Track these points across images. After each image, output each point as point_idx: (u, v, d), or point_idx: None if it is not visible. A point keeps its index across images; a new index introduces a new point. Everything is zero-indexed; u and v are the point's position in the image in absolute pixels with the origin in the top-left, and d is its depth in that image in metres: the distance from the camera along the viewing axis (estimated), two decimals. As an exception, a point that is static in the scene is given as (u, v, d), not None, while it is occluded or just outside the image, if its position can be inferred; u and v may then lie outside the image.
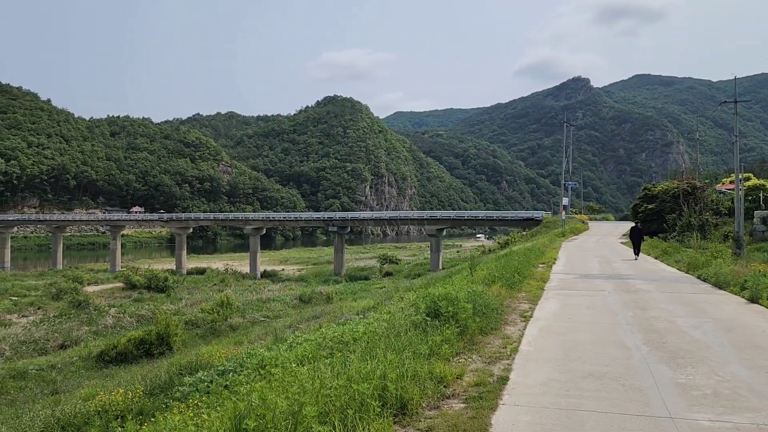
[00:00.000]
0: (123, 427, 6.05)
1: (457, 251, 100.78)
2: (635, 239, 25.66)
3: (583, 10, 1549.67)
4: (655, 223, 40.74)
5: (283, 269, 76.55)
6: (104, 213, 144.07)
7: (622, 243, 34.97)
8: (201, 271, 70.85)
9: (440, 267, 58.65)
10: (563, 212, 54.36)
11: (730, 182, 49.99)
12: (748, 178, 40.66)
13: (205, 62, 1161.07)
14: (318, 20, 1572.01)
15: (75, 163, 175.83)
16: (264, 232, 79.53)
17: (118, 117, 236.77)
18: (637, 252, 25.30)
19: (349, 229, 74.65)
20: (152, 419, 6.10)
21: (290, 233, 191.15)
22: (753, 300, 12.46)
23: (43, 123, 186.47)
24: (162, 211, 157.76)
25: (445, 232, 72.51)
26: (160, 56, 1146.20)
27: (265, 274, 68.42)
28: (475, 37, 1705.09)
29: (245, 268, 70.88)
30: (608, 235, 43.43)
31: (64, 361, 22.48)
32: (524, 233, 54.15)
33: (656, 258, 24.85)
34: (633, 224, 28.77)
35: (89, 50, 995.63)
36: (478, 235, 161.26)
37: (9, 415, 13.56)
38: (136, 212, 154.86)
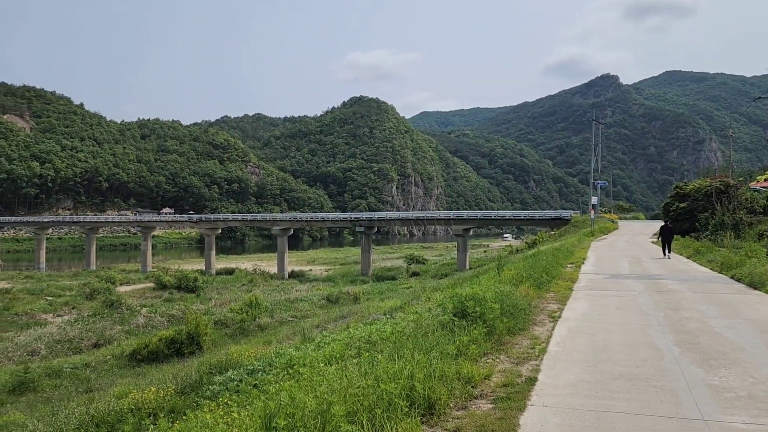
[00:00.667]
0: (155, 424, 6.17)
1: (484, 251, 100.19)
2: (665, 238, 25.24)
3: (611, 7, 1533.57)
4: (687, 222, 39.91)
5: (310, 269, 77.03)
6: (135, 214, 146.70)
7: (653, 242, 34.37)
8: (230, 272, 71.63)
9: (467, 267, 58.40)
10: (592, 211, 53.63)
11: (765, 180, 48.82)
12: (784, 176, 39.64)
13: (233, 65, 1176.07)
14: (343, 22, 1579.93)
15: (107, 166, 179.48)
16: (291, 232, 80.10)
17: (149, 120, 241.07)
18: (667, 251, 24.86)
19: (375, 230, 74.82)
20: (184, 417, 6.18)
21: (317, 234, 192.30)
22: (789, 300, 12.15)
23: (76, 126, 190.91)
24: (191, 212, 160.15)
25: (472, 232, 72.20)
26: (189, 59, 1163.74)
27: (293, 275, 68.87)
28: (502, 35, 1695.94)
29: (273, 269, 71.47)
30: (639, 235, 42.74)
31: (97, 360, 22.93)
32: (552, 233, 53.58)
33: (688, 257, 24.36)
34: (663, 223, 28.27)
35: (122, 54, 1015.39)
36: (505, 235, 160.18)
37: (45, 412, 13.89)
38: (166, 213, 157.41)
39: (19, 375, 19.60)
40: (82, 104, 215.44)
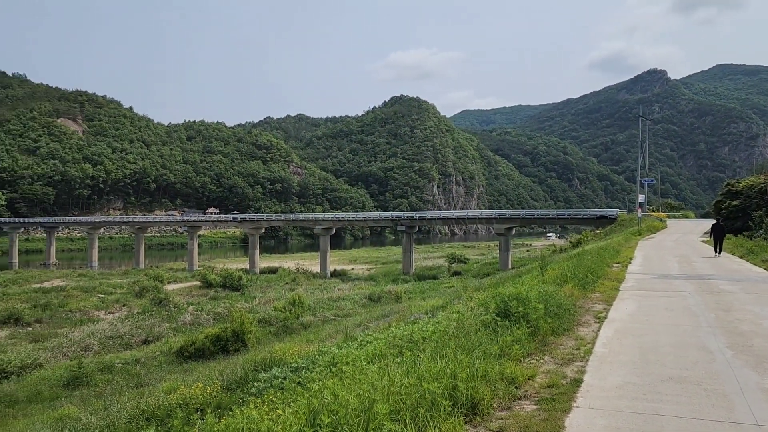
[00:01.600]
0: (203, 419, 6.30)
1: (527, 250, 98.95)
2: (717, 237, 24.51)
3: (658, 0, 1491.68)
4: (739, 220, 38.61)
5: (352, 268, 77.45)
6: (182, 214, 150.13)
7: (703, 241, 33.33)
8: (273, 270, 72.54)
9: (509, 266, 57.79)
10: (639, 210, 52.36)
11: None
12: None
13: (276, 66, 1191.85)
14: (384, 22, 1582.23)
15: (155, 167, 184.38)
16: (333, 231, 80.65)
17: (194, 122, 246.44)
18: (718, 250, 24.12)
19: (417, 229, 74.67)
20: (230, 413, 6.30)
21: (359, 233, 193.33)
22: None
23: (125, 129, 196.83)
24: (236, 212, 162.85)
25: (514, 231, 71.30)
26: (234, 62, 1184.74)
27: (335, 274, 69.38)
28: (543, 31, 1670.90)
29: (316, 268, 72.12)
30: (688, 234, 41.50)
31: (147, 356, 23.54)
32: (597, 232, 52.55)
33: (741, 257, 23.55)
34: (714, 221, 27.45)
35: (166, 59, 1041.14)
36: (548, 234, 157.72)
37: (98, 406, 14.33)
38: (211, 213, 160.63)
39: (73, 370, 20.29)
40: (131, 107, 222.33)
